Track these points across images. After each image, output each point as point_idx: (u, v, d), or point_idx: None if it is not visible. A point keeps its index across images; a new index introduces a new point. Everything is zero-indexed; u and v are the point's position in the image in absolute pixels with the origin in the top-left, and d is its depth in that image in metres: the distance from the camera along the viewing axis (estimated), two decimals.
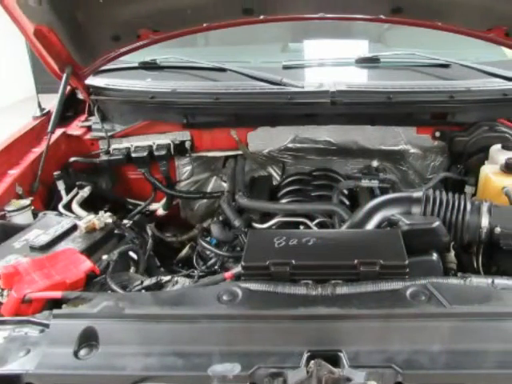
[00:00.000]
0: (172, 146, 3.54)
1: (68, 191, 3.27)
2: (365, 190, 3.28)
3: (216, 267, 3.01)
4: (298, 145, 3.57)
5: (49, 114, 3.53)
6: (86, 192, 3.30)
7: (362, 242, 2.31)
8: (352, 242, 2.32)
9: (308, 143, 3.57)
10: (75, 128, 3.65)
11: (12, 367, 1.61)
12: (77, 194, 3.27)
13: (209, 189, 3.83)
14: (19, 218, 2.75)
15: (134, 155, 3.48)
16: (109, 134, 3.53)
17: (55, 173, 3.26)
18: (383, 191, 3.19)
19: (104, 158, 3.49)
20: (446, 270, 2.45)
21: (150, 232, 3.33)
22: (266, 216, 3.14)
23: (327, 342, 1.70)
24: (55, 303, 2.03)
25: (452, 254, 2.64)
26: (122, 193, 3.70)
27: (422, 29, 3.18)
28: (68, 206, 3.11)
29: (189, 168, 3.70)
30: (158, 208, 3.70)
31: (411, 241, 2.26)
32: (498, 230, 2.40)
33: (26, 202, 2.81)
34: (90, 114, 3.69)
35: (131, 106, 3.53)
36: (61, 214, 2.91)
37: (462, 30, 3.13)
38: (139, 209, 3.55)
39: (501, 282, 2.14)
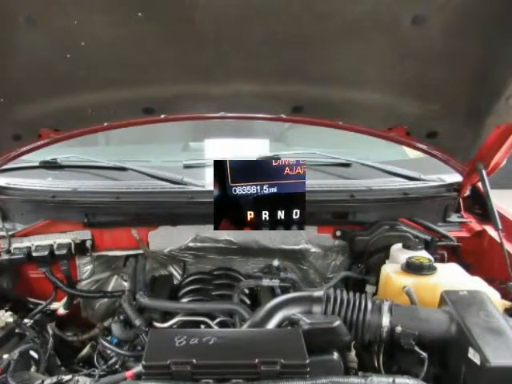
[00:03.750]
0: (73, 245, 3.50)
1: None
2: (266, 290, 3.28)
3: (117, 366, 2.98)
4: (199, 244, 3.57)
5: None
6: None
7: (262, 342, 2.27)
8: (253, 341, 2.28)
9: (209, 242, 3.57)
10: None
11: None
12: None
13: (110, 288, 3.79)
14: None
15: (34, 254, 3.43)
16: (10, 233, 3.46)
17: None
18: (284, 290, 3.20)
19: (5, 257, 3.41)
20: (346, 369, 2.45)
21: (50, 331, 3.26)
22: (166, 315, 3.12)
23: None
24: None
25: (353, 353, 2.65)
26: (23, 292, 3.62)
27: (323, 128, 3.23)
28: None
29: (89, 267, 3.63)
30: (59, 307, 3.63)
31: (312, 340, 2.25)
32: (398, 329, 2.41)
33: None
34: None
35: (32, 205, 3.48)
36: None
37: (363, 129, 3.20)
38: (40, 308, 3.49)
39: (401, 381, 2.13)
